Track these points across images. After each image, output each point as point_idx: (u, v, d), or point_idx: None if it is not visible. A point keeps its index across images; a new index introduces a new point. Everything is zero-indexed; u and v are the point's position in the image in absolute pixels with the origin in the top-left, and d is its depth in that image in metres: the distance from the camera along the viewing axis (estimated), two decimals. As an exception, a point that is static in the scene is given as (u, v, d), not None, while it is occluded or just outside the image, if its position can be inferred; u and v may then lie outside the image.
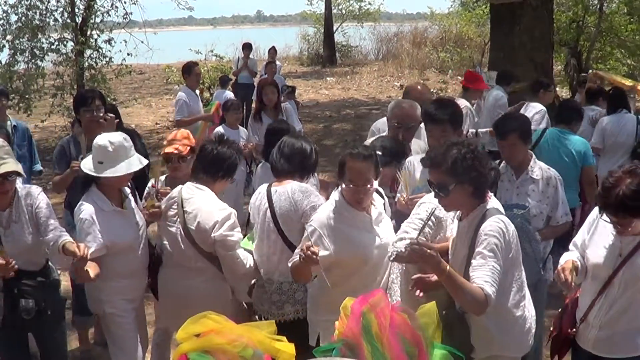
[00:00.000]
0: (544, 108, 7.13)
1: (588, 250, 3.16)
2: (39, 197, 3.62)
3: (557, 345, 3.36)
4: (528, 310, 3.07)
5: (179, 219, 3.72)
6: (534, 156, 4.13)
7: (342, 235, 3.28)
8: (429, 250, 2.67)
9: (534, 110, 7.05)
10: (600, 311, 3.08)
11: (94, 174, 3.64)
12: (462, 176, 2.88)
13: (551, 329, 3.43)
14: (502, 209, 3.04)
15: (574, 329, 3.22)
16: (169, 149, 4.31)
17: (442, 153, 2.94)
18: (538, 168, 4.08)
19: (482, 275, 2.73)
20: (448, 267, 2.71)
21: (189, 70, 8.01)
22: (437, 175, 2.96)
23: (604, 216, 2.94)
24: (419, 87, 5.48)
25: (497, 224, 2.84)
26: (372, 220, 3.37)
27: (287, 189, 3.64)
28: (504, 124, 4.27)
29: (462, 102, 6.48)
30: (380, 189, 3.67)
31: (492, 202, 3.04)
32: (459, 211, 3.09)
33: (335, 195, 3.42)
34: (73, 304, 4.77)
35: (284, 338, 2.53)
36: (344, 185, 3.31)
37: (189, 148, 4.31)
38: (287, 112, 7.07)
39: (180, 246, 3.71)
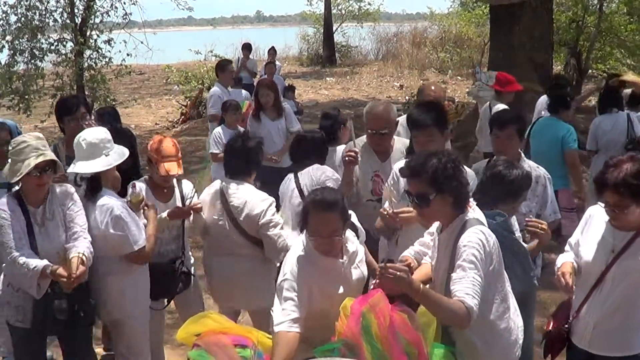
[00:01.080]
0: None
1: (581, 247, 3.16)
2: (73, 197, 3.55)
3: (550, 342, 3.35)
4: (514, 321, 2.97)
5: (225, 213, 4.00)
6: (522, 155, 4.16)
7: (314, 286, 2.99)
8: (398, 273, 2.55)
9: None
10: (594, 308, 3.08)
11: (117, 162, 3.67)
12: (443, 186, 2.77)
13: (544, 327, 3.42)
14: (484, 220, 2.95)
15: (566, 325, 3.22)
16: (173, 171, 3.93)
17: (421, 162, 2.81)
18: (527, 167, 4.09)
19: (463, 288, 2.62)
20: (421, 285, 2.60)
21: (223, 68, 8.47)
22: (416, 185, 2.82)
23: (600, 202, 2.96)
24: (432, 87, 5.31)
25: (476, 234, 2.74)
26: (344, 265, 3.09)
27: (309, 170, 4.38)
28: (505, 115, 4.40)
29: (502, 107, 6.50)
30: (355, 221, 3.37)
31: (474, 212, 2.94)
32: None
33: (303, 238, 3.11)
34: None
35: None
36: (308, 235, 3.03)
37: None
38: (286, 111, 7.09)
39: (231, 236, 4.01)
